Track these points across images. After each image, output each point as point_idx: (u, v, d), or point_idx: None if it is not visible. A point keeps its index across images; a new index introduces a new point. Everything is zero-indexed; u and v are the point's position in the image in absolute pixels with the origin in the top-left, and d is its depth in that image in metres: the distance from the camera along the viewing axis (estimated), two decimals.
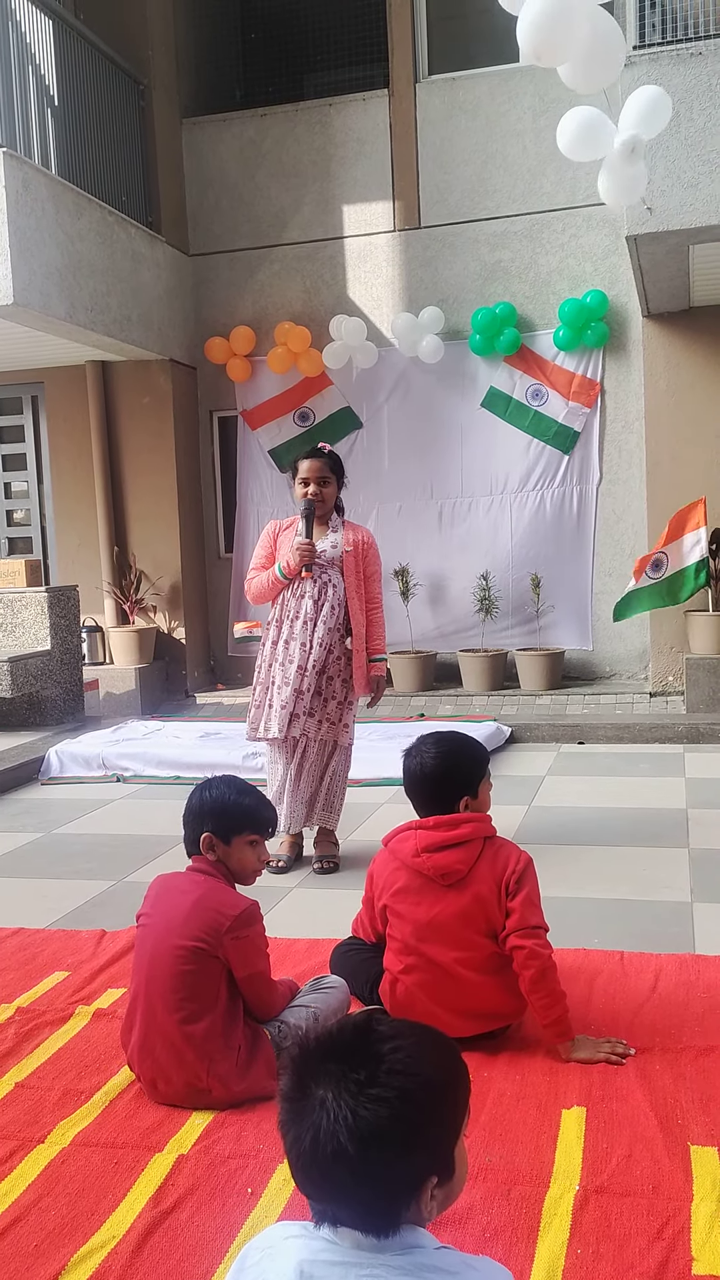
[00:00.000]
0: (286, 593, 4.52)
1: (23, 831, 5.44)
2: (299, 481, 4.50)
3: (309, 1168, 1.33)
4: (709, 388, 7.80)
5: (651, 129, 5.12)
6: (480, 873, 2.82)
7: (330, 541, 4.51)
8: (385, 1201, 1.34)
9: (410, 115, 8.70)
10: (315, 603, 4.47)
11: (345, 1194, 1.33)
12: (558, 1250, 2.04)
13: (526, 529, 8.65)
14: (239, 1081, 2.60)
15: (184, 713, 8.52)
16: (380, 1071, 1.34)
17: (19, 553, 9.71)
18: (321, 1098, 1.32)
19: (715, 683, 7.33)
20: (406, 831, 2.94)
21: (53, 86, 7.59)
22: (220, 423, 9.53)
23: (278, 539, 4.59)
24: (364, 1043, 1.38)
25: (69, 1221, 2.20)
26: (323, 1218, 1.36)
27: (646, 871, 4.34)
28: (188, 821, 2.83)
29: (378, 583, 4.66)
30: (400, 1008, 2.85)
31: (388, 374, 8.86)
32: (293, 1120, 1.35)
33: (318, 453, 4.57)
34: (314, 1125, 1.31)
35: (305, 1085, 1.35)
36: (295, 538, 4.50)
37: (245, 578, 4.65)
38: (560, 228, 8.44)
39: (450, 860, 2.83)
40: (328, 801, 4.61)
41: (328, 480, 4.51)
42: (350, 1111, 1.30)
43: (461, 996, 2.80)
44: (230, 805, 2.79)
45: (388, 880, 2.92)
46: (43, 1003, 3.26)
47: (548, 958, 2.74)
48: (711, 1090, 2.59)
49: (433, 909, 2.82)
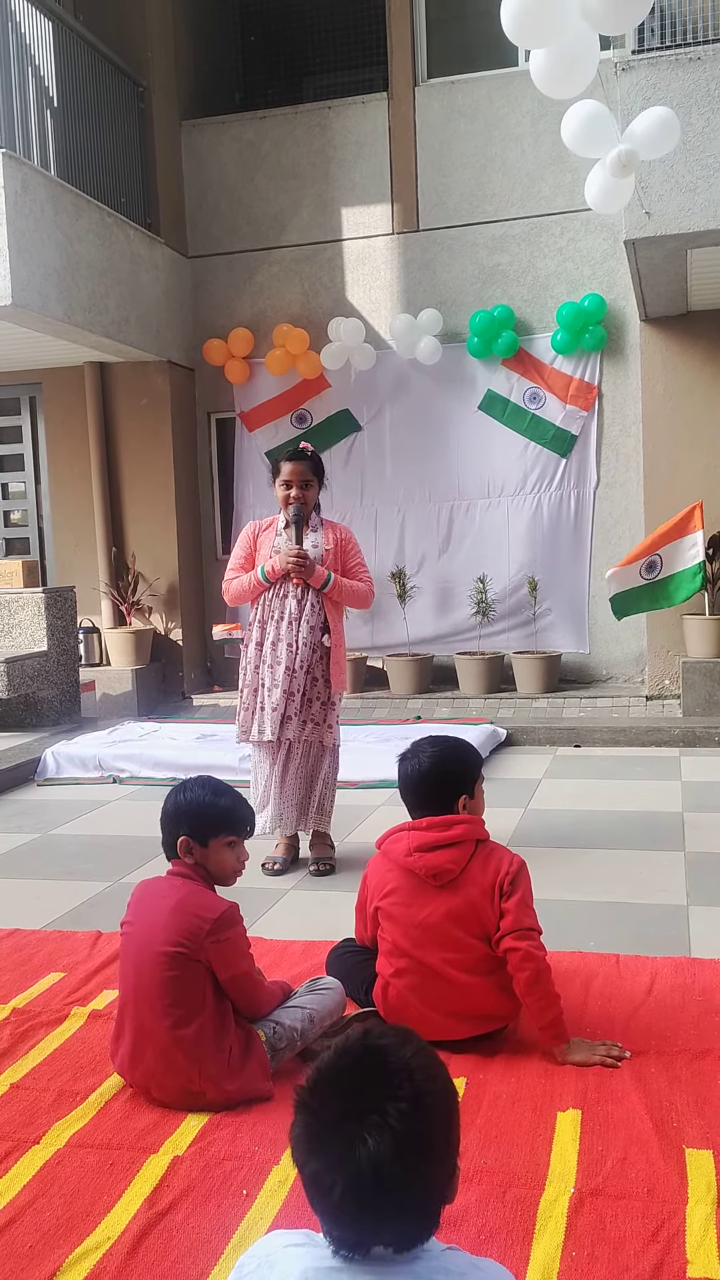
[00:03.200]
0: (268, 594, 4.49)
1: (19, 832, 5.44)
2: (280, 484, 4.48)
3: (354, 1208, 1.28)
4: (706, 392, 7.81)
5: (654, 151, 5.13)
6: (472, 874, 2.83)
7: (311, 542, 4.50)
8: (424, 1213, 1.32)
9: (409, 118, 8.72)
10: (299, 602, 4.45)
11: (390, 1219, 1.29)
12: (553, 1253, 2.04)
13: (523, 532, 8.66)
14: (232, 1081, 2.59)
15: (180, 714, 8.52)
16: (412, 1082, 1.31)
17: (16, 553, 9.70)
18: (356, 1133, 1.27)
19: (711, 686, 7.34)
20: (399, 833, 2.95)
21: (52, 88, 7.60)
22: (218, 424, 9.54)
23: (257, 540, 4.57)
24: (381, 1060, 1.34)
25: (64, 1223, 2.20)
26: (355, 1249, 1.32)
27: (642, 875, 4.34)
28: (164, 825, 2.82)
29: (364, 569, 4.63)
30: (393, 1011, 2.85)
31: (385, 376, 8.87)
32: (324, 1170, 1.29)
33: (300, 454, 4.53)
34: (355, 1163, 1.26)
35: (330, 1126, 1.30)
36: (278, 540, 4.48)
37: (225, 578, 4.62)
38: (558, 231, 8.45)
39: (442, 860, 2.83)
40: (320, 805, 4.60)
41: (310, 483, 4.49)
42: (392, 1133, 1.27)
43: (453, 999, 2.80)
44: (206, 807, 2.77)
45: (380, 882, 2.92)
46: (38, 1004, 3.25)
47: (542, 960, 2.74)
48: (706, 1093, 2.59)
49: (424, 910, 2.82)
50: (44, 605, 7.74)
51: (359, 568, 4.61)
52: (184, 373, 9.23)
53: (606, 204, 5.47)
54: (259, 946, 3.07)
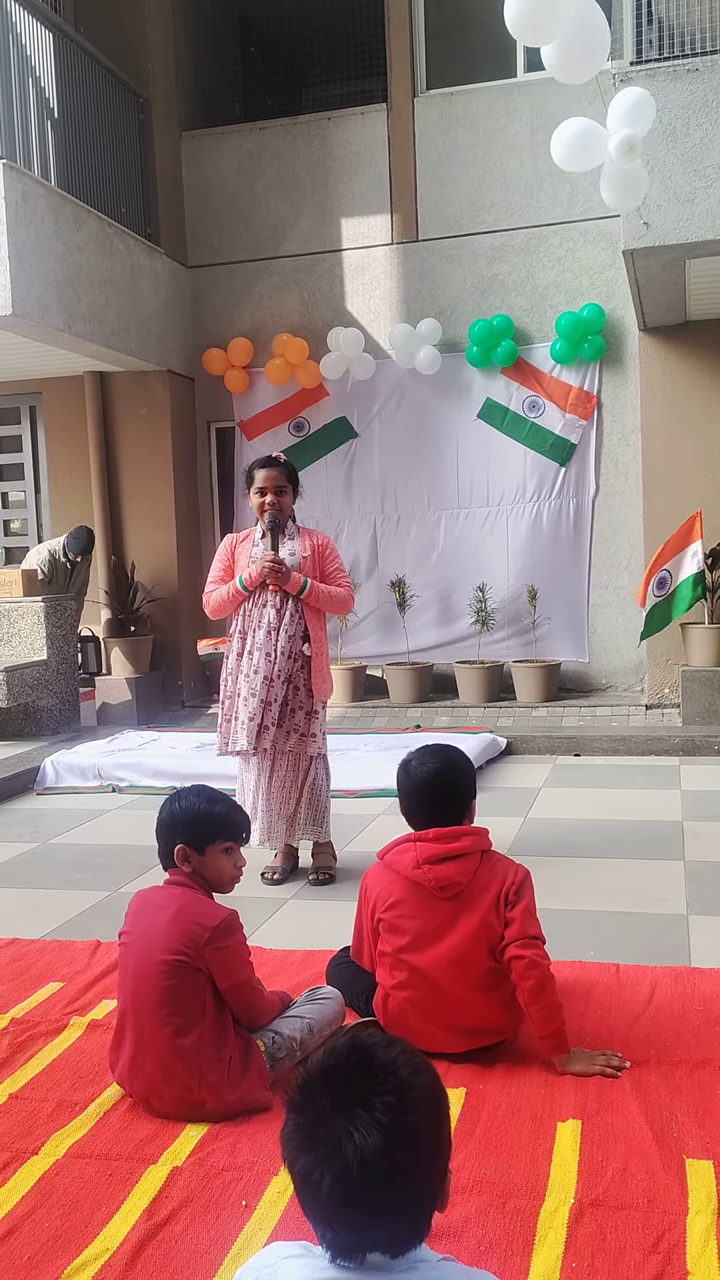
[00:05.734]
0: (248, 604, 4.48)
1: (18, 842, 5.43)
2: (255, 491, 4.47)
3: (341, 1204, 1.29)
4: (705, 401, 7.83)
5: (641, 126, 5.16)
6: (479, 885, 2.82)
7: (288, 550, 4.47)
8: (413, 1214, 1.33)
9: (408, 129, 8.75)
10: (278, 611, 4.43)
11: (380, 1217, 1.30)
12: (553, 1264, 2.04)
13: (523, 541, 8.66)
14: (232, 1091, 2.59)
15: (180, 723, 8.51)
16: (397, 1077, 1.33)
17: (16, 562, 9.70)
18: (343, 1128, 1.29)
19: (711, 695, 7.34)
20: (405, 844, 2.91)
21: (53, 99, 7.62)
22: (218, 434, 9.55)
23: (235, 552, 4.56)
24: (367, 1058, 1.36)
25: (62, 1234, 2.19)
26: (350, 1253, 1.33)
27: (642, 884, 4.34)
28: (160, 835, 2.81)
29: (342, 574, 4.61)
30: (392, 1023, 2.84)
31: (384, 385, 8.88)
32: (313, 1166, 1.31)
33: (273, 462, 4.51)
34: (341, 1158, 1.28)
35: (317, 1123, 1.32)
36: (254, 550, 4.47)
37: (205, 591, 4.61)
38: (557, 241, 8.48)
39: (451, 872, 2.81)
40: (311, 815, 4.56)
41: (284, 489, 4.48)
42: (381, 1127, 1.28)
43: (454, 1013, 2.79)
44: (201, 814, 2.78)
45: (383, 893, 2.89)
46: (37, 1014, 3.25)
47: (547, 969, 2.73)
48: (707, 1103, 2.58)
49: (431, 922, 2.81)
50: (44, 614, 7.74)
51: (337, 573, 4.59)
52: (184, 382, 9.25)
53: (625, 198, 5.43)
54: (258, 956, 3.06)
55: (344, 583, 4.60)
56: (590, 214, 8.25)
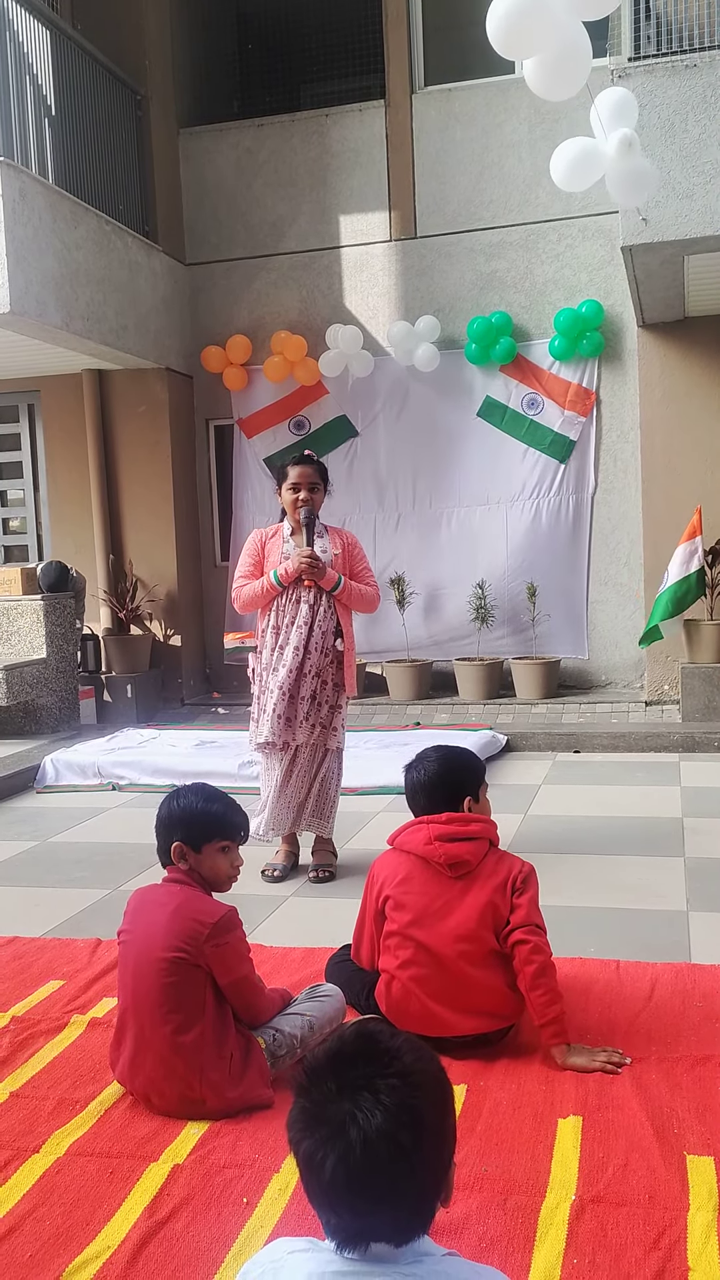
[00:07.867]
0: (281, 599, 4.50)
1: (18, 840, 5.43)
2: (288, 487, 4.50)
3: (344, 1186, 1.30)
4: (704, 397, 7.83)
5: (628, 121, 5.17)
6: (487, 869, 2.89)
7: (320, 547, 4.51)
8: (417, 1201, 1.34)
9: (406, 126, 8.74)
10: (311, 607, 4.46)
11: (383, 1202, 1.31)
12: (554, 1260, 2.04)
13: (522, 538, 8.66)
14: (233, 1089, 2.59)
15: (179, 721, 8.51)
16: (402, 1061, 1.35)
17: (15, 560, 9.70)
18: (348, 1110, 1.31)
19: (711, 691, 7.34)
20: (417, 825, 2.99)
21: (50, 96, 7.61)
22: (216, 431, 9.54)
23: (265, 547, 4.58)
24: (373, 1044, 1.39)
25: (64, 1231, 2.19)
26: (354, 1240, 1.34)
27: (642, 880, 4.34)
28: (158, 832, 2.83)
29: (370, 573, 4.67)
30: (396, 1007, 2.85)
31: (383, 382, 8.87)
32: (317, 1146, 1.32)
33: (307, 459, 4.57)
34: (344, 1138, 1.29)
35: (323, 1105, 1.33)
36: (287, 545, 4.50)
37: (234, 586, 4.63)
38: (556, 238, 8.47)
39: (462, 850, 2.89)
40: (318, 808, 4.58)
41: (316, 486, 4.53)
42: (384, 1109, 1.30)
43: (460, 991, 2.80)
44: (198, 813, 2.79)
45: (392, 872, 2.95)
46: (37, 1012, 3.25)
47: (549, 957, 2.78)
48: (707, 1099, 2.58)
49: (438, 899, 2.86)
50: (43, 612, 7.74)
51: (365, 572, 4.64)
52: (182, 380, 9.24)
53: (634, 192, 5.42)
54: (258, 954, 3.07)
55: (372, 581, 4.65)
56: (589, 210, 8.24)
